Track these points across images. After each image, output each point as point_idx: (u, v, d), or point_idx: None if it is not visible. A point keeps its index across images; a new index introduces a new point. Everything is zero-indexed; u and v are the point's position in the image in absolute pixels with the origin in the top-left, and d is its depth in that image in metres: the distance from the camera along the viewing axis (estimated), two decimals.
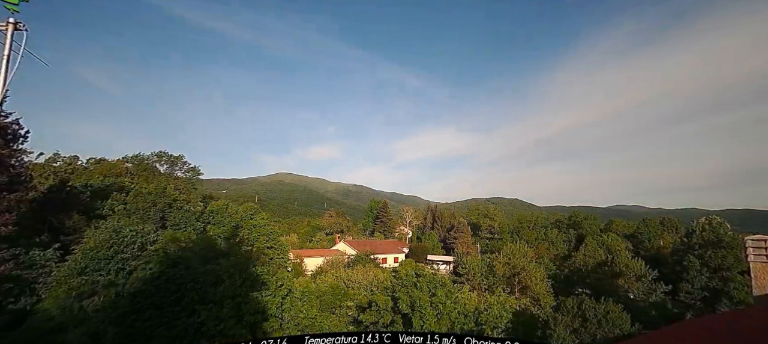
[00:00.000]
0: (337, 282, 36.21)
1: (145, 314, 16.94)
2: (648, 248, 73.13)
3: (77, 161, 59.44)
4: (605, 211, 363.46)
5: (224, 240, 40.84)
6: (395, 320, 24.34)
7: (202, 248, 30.90)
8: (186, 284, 18.23)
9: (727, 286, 39.89)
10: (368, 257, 54.37)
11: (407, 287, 25.29)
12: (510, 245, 44.63)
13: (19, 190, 20.23)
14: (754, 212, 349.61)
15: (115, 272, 19.96)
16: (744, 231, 68.77)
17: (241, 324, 16.93)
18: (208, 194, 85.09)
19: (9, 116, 19.59)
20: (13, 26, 12.46)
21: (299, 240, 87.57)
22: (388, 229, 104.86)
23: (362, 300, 28.66)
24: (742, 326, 6.67)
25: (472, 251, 79.64)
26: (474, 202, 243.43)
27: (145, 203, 42.42)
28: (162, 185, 48.88)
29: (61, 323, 18.22)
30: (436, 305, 24.52)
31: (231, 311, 17.26)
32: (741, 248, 38.01)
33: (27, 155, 23.03)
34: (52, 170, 50.23)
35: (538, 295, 37.52)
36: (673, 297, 44.28)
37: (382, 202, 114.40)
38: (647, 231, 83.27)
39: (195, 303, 17.73)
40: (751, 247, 8.87)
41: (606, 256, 51.38)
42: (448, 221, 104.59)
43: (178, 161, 66.02)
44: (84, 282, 18.98)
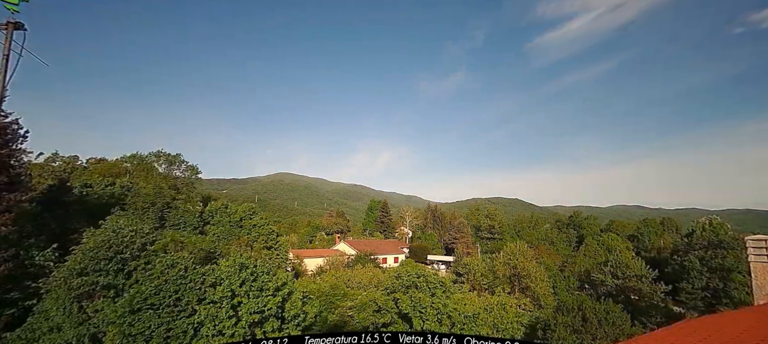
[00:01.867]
0: (337, 282, 36.21)
1: (144, 314, 16.93)
2: (648, 248, 73.18)
3: (77, 161, 59.48)
4: (605, 211, 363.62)
5: (224, 240, 40.86)
6: (395, 320, 24.32)
7: (201, 248, 30.92)
8: (185, 284, 18.22)
9: (727, 286, 39.89)
10: (368, 257, 54.36)
11: (407, 287, 25.27)
12: (510, 246, 44.59)
13: (19, 190, 20.23)
14: (754, 212, 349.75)
15: (114, 272, 19.94)
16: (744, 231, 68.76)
17: (240, 324, 16.92)
18: (208, 194, 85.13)
19: (9, 116, 19.61)
20: (13, 26, 12.46)
21: (299, 240, 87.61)
22: (388, 229, 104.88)
23: (362, 300, 28.65)
24: (743, 326, 6.65)
25: (473, 251, 79.64)
26: (474, 202, 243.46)
27: (145, 203, 42.44)
28: (160, 184, 48.90)
29: (60, 323, 18.22)
30: (436, 305, 24.50)
31: (230, 311, 17.25)
32: (741, 248, 38.02)
33: (27, 155, 23.06)
34: (51, 170, 50.27)
35: (538, 295, 37.50)
36: (673, 297, 44.29)
37: (382, 202, 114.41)
38: (647, 231, 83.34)
39: (194, 303, 17.72)
40: (752, 247, 8.84)
41: (606, 256, 51.37)
42: (448, 222, 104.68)
43: (176, 160, 65.97)
44: (83, 283, 18.96)
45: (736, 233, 51.21)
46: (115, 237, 20.83)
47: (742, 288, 37.83)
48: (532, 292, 37.78)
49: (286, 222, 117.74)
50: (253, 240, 42.59)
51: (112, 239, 20.62)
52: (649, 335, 9.29)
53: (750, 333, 6.13)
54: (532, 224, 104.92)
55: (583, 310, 24.94)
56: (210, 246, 35.00)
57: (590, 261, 55.94)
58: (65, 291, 18.62)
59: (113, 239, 20.67)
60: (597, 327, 23.87)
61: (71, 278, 18.92)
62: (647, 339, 8.23)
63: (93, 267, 19.42)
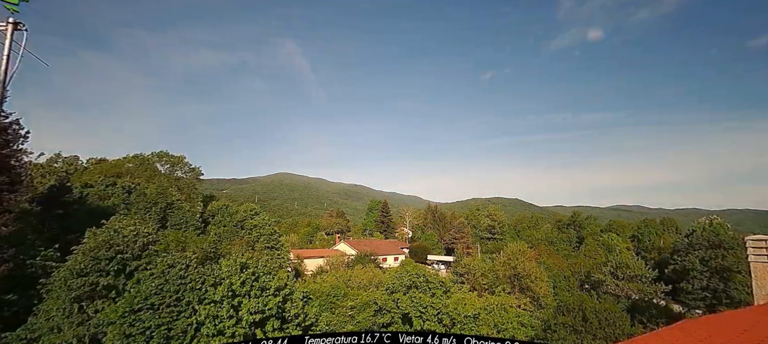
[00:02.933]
0: (338, 282, 36.22)
1: (144, 314, 16.95)
2: (648, 248, 73.21)
3: (77, 161, 59.55)
4: (605, 211, 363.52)
5: (225, 240, 40.88)
6: (395, 320, 24.33)
7: (202, 248, 30.93)
8: (186, 284, 18.23)
9: (727, 286, 39.88)
10: (368, 257, 54.37)
11: (408, 287, 25.29)
12: (510, 245, 44.60)
13: (20, 190, 20.24)
14: (754, 212, 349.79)
15: (115, 272, 19.95)
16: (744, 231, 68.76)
17: (240, 324, 16.94)
18: (209, 194, 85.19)
19: (9, 116, 19.61)
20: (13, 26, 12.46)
21: (299, 240, 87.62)
22: (389, 229, 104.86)
23: (362, 300, 28.66)
24: (743, 326, 6.66)
25: (473, 251, 79.67)
26: (474, 202, 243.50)
27: (146, 203, 42.49)
28: (163, 185, 48.94)
29: (60, 323, 18.22)
30: (436, 305, 24.51)
31: (231, 311, 17.27)
32: (741, 248, 37.99)
33: (27, 156, 23.06)
34: (52, 170, 50.31)
35: (538, 295, 37.48)
36: (673, 297, 44.29)
37: (382, 202, 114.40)
38: (647, 231, 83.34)
39: (195, 303, 17.74)
40: (752, 247, 8.83)
41: (606, 256, 51.36)
42: (448, 222, 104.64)
43: (179, 161, 66.08)
44: (84, 283, 18.96)
45: (736, 233, 51.20)
46: (116, 237, 20.83)
47: (742, 288, 37.82)
48: (532, 292, 37.76)
49: (286, 222, 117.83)
50: (255, 241, 42.63)
51: (112, 239, 20.62)
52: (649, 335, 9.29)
53: (750, 333, 6.13)
54: (533, 225, 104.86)
55: (583, 310, 24.98)
56: (211, 246, 35.04)
57: (590, 261, 55.95)
58: (65, 291, 18.62)
59: (114, 239, 20.67)
60: (597, 327, 23.89)
61: (71, 278, 18.92)
62: (647, 339, 8.24)
63: (93, 267, 19.41)
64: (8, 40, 12.21)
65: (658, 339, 7.45)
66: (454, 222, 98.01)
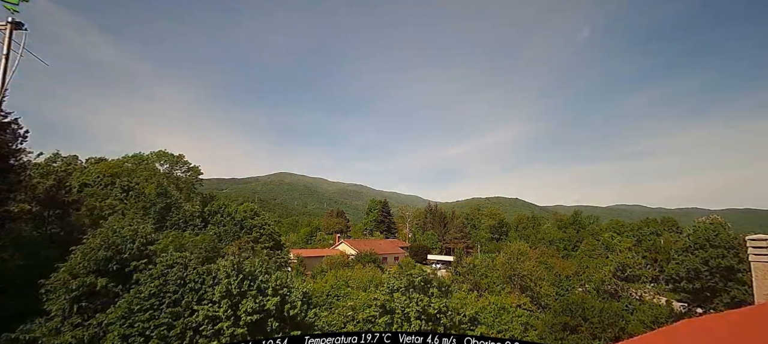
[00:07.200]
0: (337, 282, 36.19)
1: (143, 314, 16.92)
2: (648, 248, 73.19)
3: (77, 160, 59.51)
4: (605, 211, 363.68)
5: (225, 240, 40.82)
6: (395, 320, 24.29)
7: (201, 248, 30.90)
8: (185, 284, 18.20)
9: (727, 286, 39.85)
10: (368, 257, 54.35)
11: (407, 287, 25.26)
12: (510, 245, 44.62)
13: (19, 190, 20.22)
14: (754, 212, 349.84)
15: (114, 272, 19.91)
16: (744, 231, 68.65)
17: (240, 324, 16.90)
18: (208, 193, 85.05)
19: (9, 116, 19.60)
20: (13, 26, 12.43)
21: (299, 240, 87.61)
22: (388, 229, 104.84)
23: (362, 299, 28.63)
24: (743, 326, 6.64)
25: (473, 251, 79.66)
26: (474, 202, 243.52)
27: (145, 203, 42.44)
28: (162, 184, 48.88)
29: (59, 324, 18.18)
30: (436, 305, 24.48)
31: (230, 311, 17.23)
32: (741, 248, 38.01)
33: (27, 155, 23.05)
34: (51, 169, 50.23)
35: (538, 295, 37.49)
36: (673, 297, 44.26)
37: (382, 202, 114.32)
38: (647, 231, 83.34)
39: (194, 304, 17.70)
40: (752, 247, 8.82)
41: (606, 256, 51.36)
42: (448, 221, 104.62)
43: (179, 160, 66.01)
44: (83, 283, 18.92)
45: (736, 233, 51.13)
46: (115, 237, 20.79)
47: (742, 288, 37.80)
48: (532, 292, 37.77)
49: (286, 222, 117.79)
50: (255, 240, 42.59)
51: (111, 239, 20.58)
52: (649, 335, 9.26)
53: (750, 333, 6.12)
54: (533, 224, 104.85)
55: (583, 310, 24.96)
56: (211, 246, 34.99)
57: (590, 261, 55.90)
58: (65, 292, 18.57)
59: (113, 239, 20.63)
60: (597, 327, 23.88)
61: (70, 278, 18.88)
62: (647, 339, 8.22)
63: (92, 267, 19.37)
64: (8, 40, 12.18)
65: (658, 339, 7.44)
66: (454, 222, 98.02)
